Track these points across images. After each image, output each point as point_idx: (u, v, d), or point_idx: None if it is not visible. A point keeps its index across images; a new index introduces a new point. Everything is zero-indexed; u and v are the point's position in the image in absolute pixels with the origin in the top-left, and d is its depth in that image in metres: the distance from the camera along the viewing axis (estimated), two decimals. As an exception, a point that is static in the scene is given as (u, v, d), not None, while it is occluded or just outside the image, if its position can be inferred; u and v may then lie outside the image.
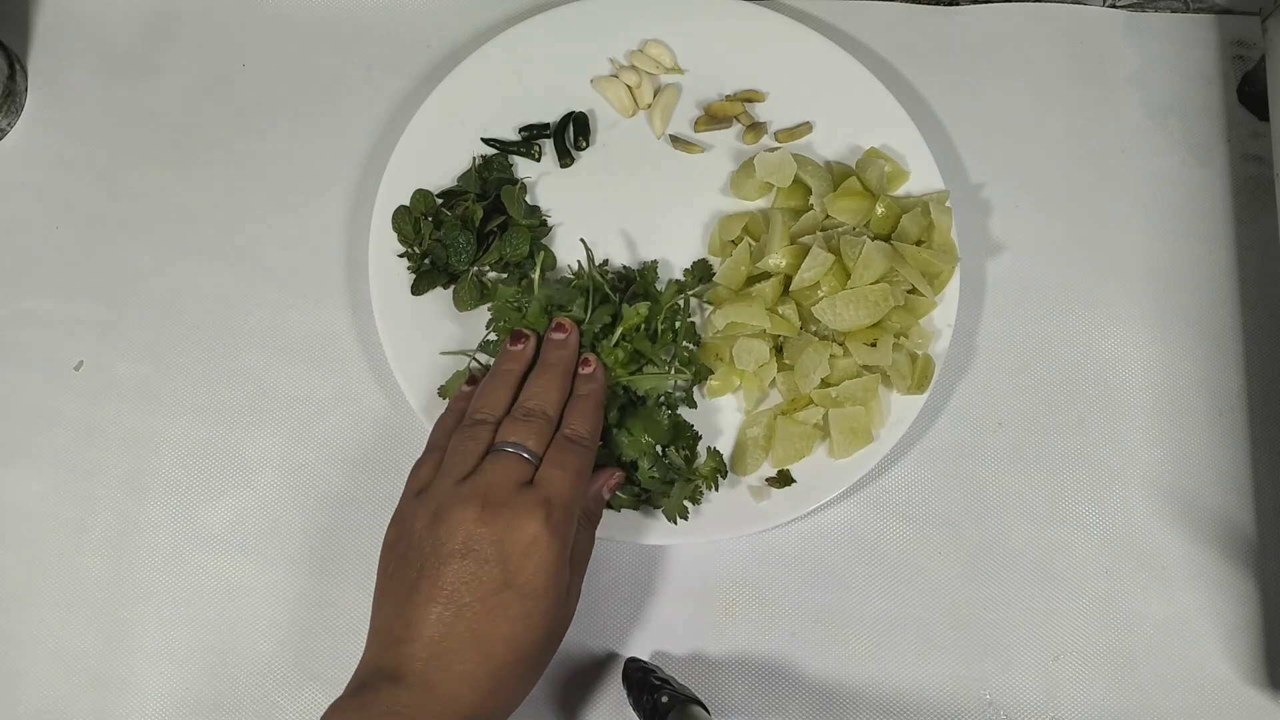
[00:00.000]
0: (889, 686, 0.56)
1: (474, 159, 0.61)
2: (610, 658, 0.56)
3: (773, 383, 0.57)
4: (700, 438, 0.56)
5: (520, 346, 0.53)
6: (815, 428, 0.56)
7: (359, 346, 0.60)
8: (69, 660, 0.56)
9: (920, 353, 0.56)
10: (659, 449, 0.54)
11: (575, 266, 0.59)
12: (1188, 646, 0.56)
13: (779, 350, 0.57)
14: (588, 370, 0.52)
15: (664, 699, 0.50)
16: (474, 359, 0.57)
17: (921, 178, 0.59)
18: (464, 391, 0.54)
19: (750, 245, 0.58)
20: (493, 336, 0.56)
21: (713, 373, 0.57)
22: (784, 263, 0.56)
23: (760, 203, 0.61)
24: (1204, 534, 0.58)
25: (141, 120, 0.64)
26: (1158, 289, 0.61)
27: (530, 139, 0.61)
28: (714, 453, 0.55)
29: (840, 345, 0.56)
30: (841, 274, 0.56)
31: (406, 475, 0.58)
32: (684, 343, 0.56)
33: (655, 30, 0.63)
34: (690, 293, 0.57)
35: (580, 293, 0.55)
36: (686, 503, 0.54)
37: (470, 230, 0.58)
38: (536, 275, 0.56)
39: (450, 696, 0.43)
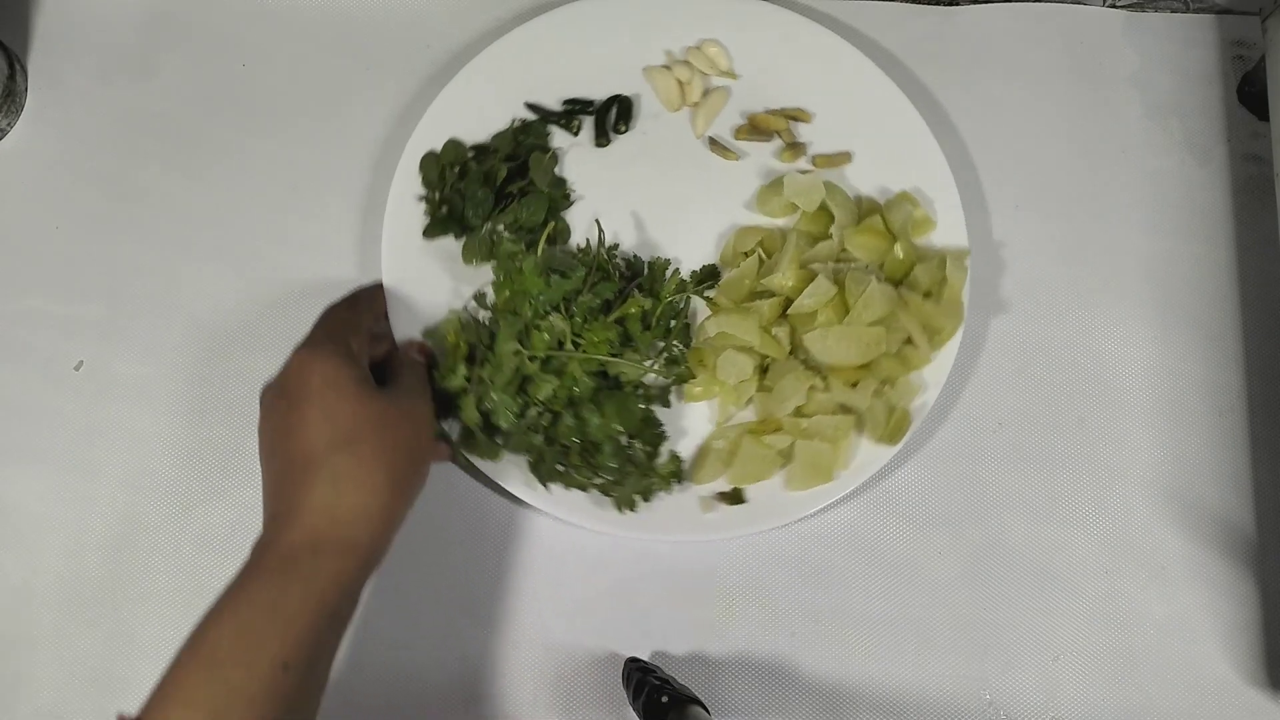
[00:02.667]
0: (889, 686, 0.56)
1: (513, 121, 0.61)
2: (610, 658, 0.56)
3: (750, 400, 0.57)
4: (667, 438, 0.56)
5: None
6: (779, 454, 0.55)
7: (359, 346, 0.60)
8: (69, 660, 0.56)
9: (900, 405, 0.55)
10: (625, 438, 0.54)
11: (585, 243, 0.59)
12: (1188, 646, 0.56)
13: (764, 370, 0.56)
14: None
15: (664, 699, 0.50)
16: (462, 314, 0.57)
17: (948, 230, 0.58)
18: None
19: (761, 260, 0.58)
20: (489, 290, 0.57)
21: (694, 377, 0.57)
22: (789, 284, 0.56)
23: (782, 221, 0.60)
24: (1204, 534, 0.58)
25: (141, 120, 0.64)
26: (1158, 289, 0.61)
27: (572, 113, 0.61)
28: (675, 456, 0.55)
29: (823, 379, 0.55)
30: (841, 308, 0.55)
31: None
32: (675, 342, 0.56)
33: (717, 31, 0.62)
34: (690, 291, 0.57)
35: (583, 266, 0.55)
36: (637, 496, 0.54)
37: (490, 187, 0.58)
38: (543, 239, 0.56)
39: (320, 520, 0.45)
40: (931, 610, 0.57)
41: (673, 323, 0.57)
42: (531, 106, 0.61)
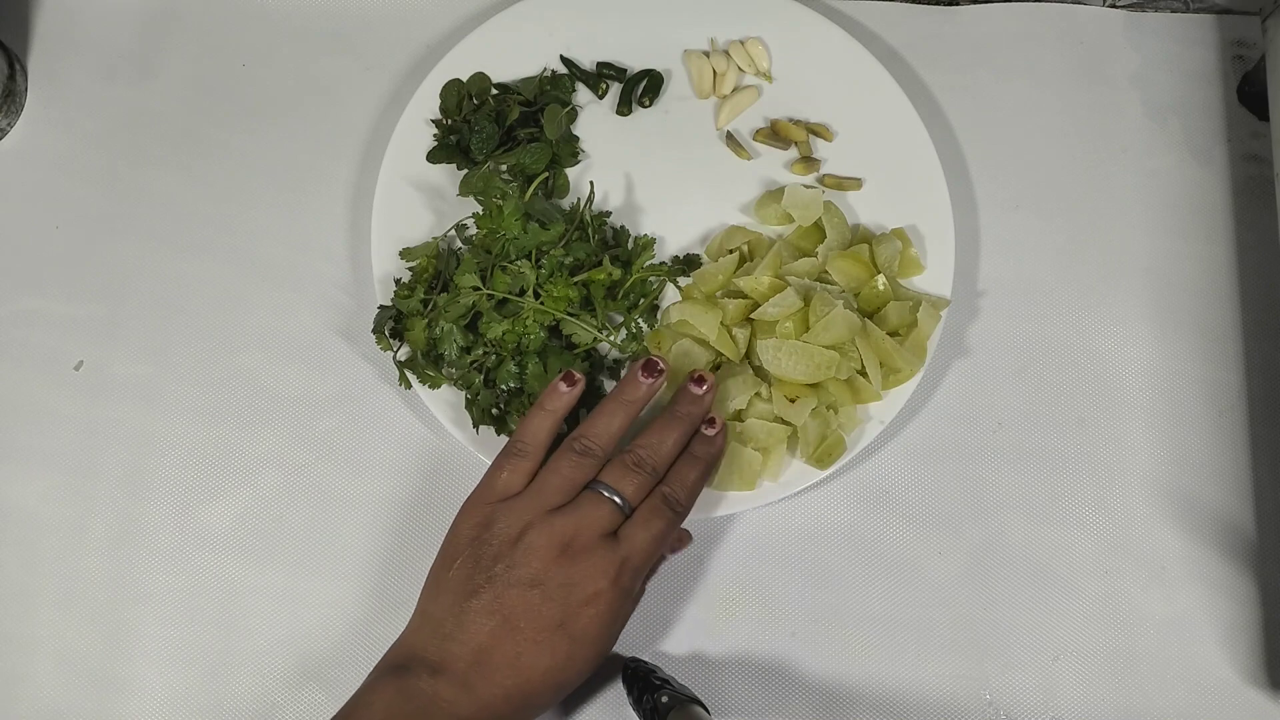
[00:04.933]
0: (889, 686, 0.56)
1: (544, 70, 0.62)
2: (610, 658, 0.56)
3: None
4: None
5: (652, 380, 0.52)
6: None
7: (359, 346, 0.60)
8: (69, 660, 0.56)
9: (834, 432, 0.55)
10: None
11: (577, 202, 0.60)
12: (1188, 646, 0.56)
13: (716, 367, 0.56)
14: (712, 432, 0.52)
15: (664, 699, 0.50)
16: (443, 239, 0.58)
17: (935, 277, 0.58)
18: (560, 391, 0.51)
19: (742, 259, 0.58)
20: (470, 221, 0.57)
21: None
22: (760, 289, 0.55)
23: (775, 230, 0.60)
24: (1204, 534, 0.58)
25: (141, 120, 0.64)
26: (1158, 289, 0.61)
27: (602, 75, 0.62)
28: None
29: (770, 388, 0.55)
30: (803, 324, 0.55)
31: (407, 476, 0.58)
32: (638, 318, 0.57)
33: (765, 30, 0.62)
34: (664, 274, 0.58)
35: (565, 222, 0.56)
36: None
37: (499, 124, 0.59)
38: (533, 186, 0.57)
39: (485, 701, 0.45)
40: (931, 610, 0.57)
41: (641, 300, 0.57)
42: (566, 61, 0.62)
